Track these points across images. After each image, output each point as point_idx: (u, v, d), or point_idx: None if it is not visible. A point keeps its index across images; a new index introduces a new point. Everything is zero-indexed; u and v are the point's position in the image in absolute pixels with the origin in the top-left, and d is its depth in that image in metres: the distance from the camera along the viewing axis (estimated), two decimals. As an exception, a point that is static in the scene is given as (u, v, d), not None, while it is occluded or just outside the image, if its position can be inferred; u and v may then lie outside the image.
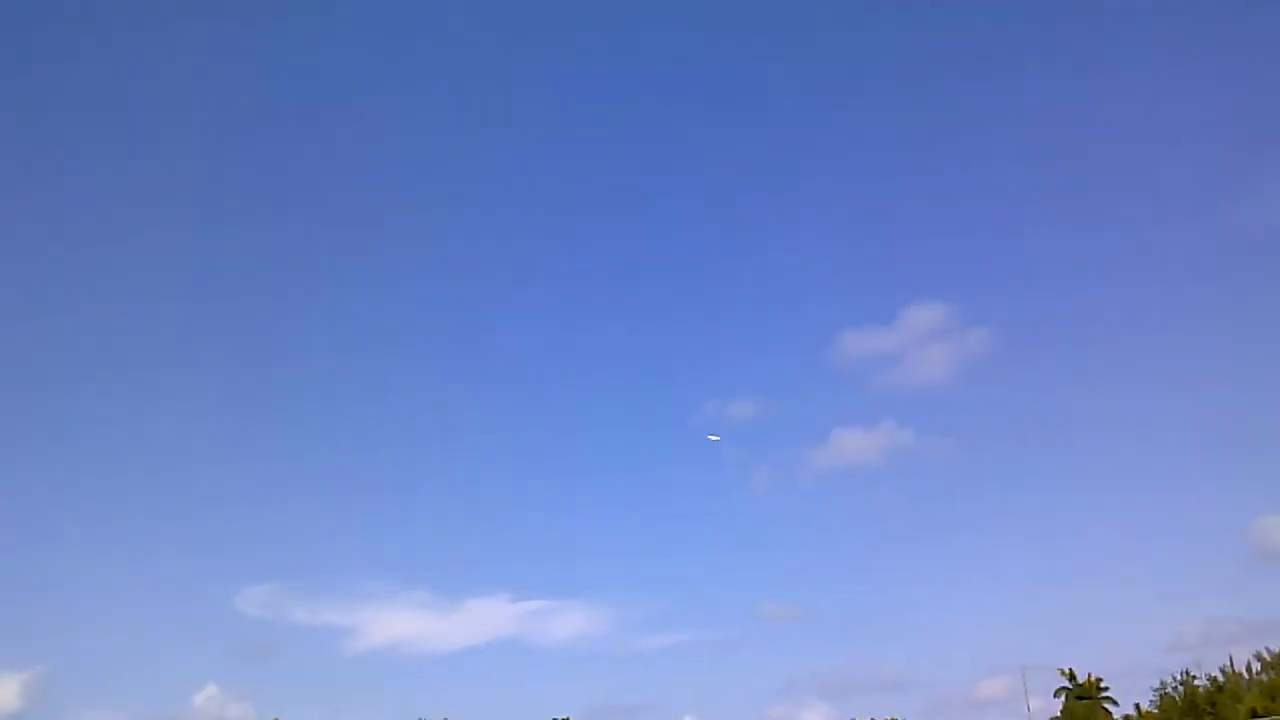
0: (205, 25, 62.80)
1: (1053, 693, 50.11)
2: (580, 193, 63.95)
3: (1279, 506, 44.11)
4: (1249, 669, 38.51)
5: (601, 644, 48.00)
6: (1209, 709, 37.99)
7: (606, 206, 63.33)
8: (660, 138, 64.97)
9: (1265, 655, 38.18)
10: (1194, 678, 40.12)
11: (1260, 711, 35.31)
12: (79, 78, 62.19)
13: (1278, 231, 53.07)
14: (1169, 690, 40.68)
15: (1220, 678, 39.09)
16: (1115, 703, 49.00)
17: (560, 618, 48.39)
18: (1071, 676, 49.66)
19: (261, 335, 57.94)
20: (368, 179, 63.65)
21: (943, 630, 46.34)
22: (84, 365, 54.61)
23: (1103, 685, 49.42)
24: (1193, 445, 49.25)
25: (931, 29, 61.31)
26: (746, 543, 50.93)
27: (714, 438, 49.20)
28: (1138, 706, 44.61)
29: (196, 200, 62.37)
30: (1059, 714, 49.44)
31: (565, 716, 48.06)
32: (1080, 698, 48.94)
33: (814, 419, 52.66)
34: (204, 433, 53.15)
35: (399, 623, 47.21)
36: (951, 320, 51.94)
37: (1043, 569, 47.41)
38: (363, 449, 54.30)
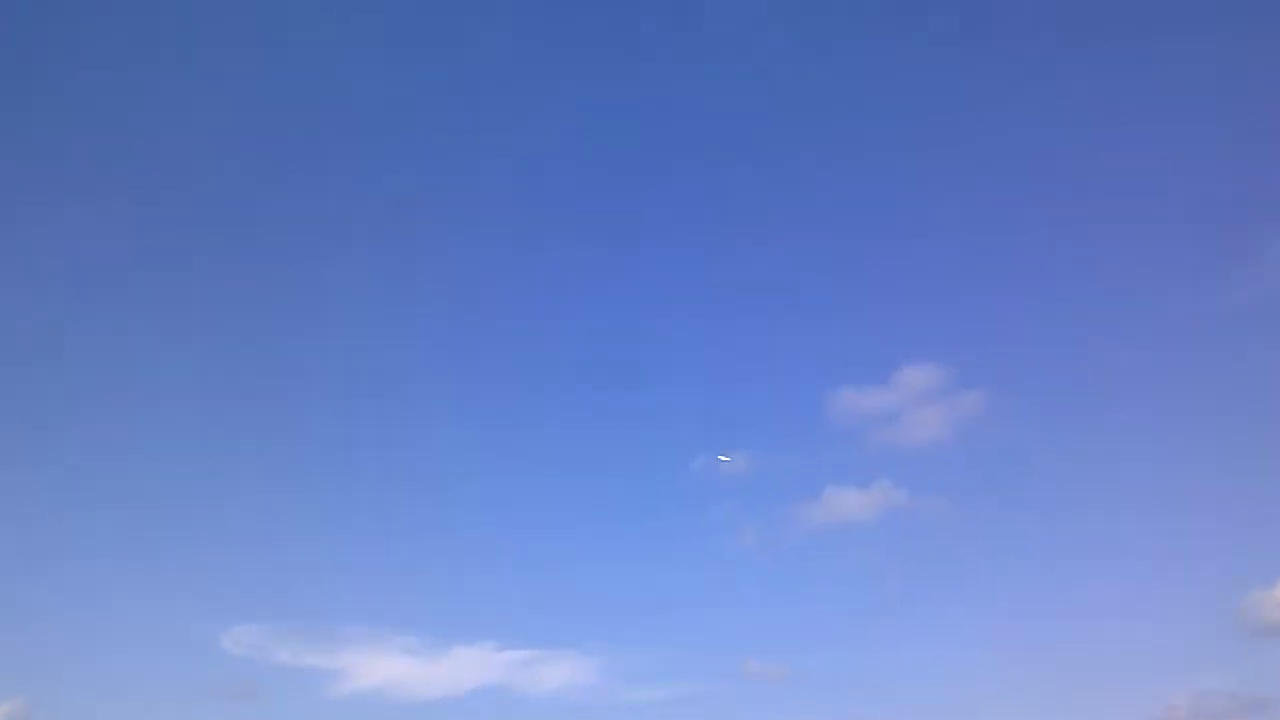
0: (211, 41, 63.33)
1: (1044, 762, 49.21)
2: (571, 234, 64.12)
3: (1272, 581, 43.81)
4: (1243, 744, 38.20)
5: (589, 695, 47.10)
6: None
7: (599, 248, 63.43)
8: (656, 186, 65.25)
9: (1259, 730, 37.92)
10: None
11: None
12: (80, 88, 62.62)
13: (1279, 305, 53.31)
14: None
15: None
16: (1107, 774, 48.13)
17: (547, 667, 47.50)
18: (1063, 746, 48.85)
19: (254, 371, 57.63)
20: (360, 224, 63.64)
21: (932, 694, 45.53)
22: (70, 395, 54.34)
23: (1095, 756, 48.59)
24: (1187, 514, 48.78)
25: (929, 83, 62.27)
26: (736, 598, 50.04)
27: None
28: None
29: (174, 229, 62.25)
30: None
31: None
32: (1072, 768, 48.04)
33: (807, 476, 51.92)
34: (196, 465, 52.64)
35: (384, 668, 46.23)
36: (947, 382, 51.86)
37: (1033, 635, 46.47)
38: (355, 489, 53.63)
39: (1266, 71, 53.23)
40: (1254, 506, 48.29)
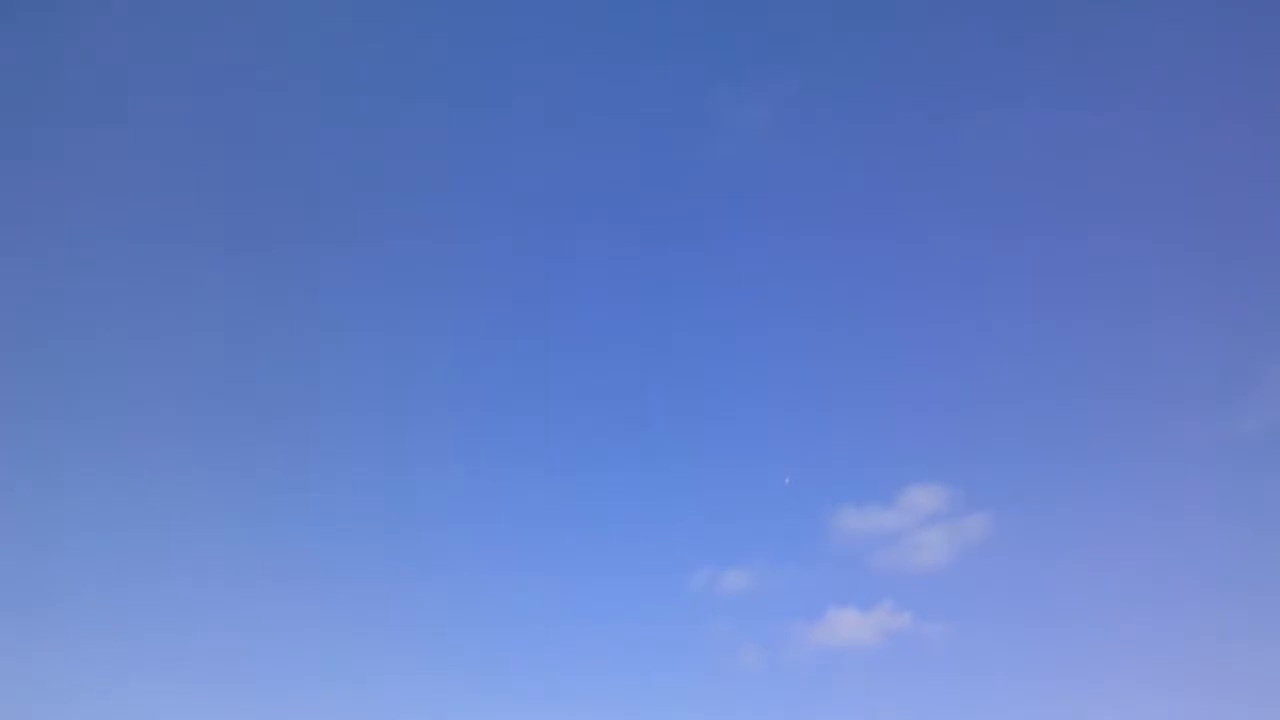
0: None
1: None
2: (571, 344, 63.64)
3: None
4: None
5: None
6: None
7: (601, 354, 63.11)
8: (660, 294, 65.63)
9: None
10: None
11: None
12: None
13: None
14: None
15: None
16: None
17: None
18: None
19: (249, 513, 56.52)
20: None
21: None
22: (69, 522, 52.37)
23: None
24: (1200, 644, 48.44)
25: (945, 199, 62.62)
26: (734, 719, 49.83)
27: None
28: None
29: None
30: None
31: None
32: None
33: (809, 596, 51.95)
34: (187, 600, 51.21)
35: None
36: (952, 503, 52.27)
37: None
38: (341, 582, 53.17)
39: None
40: (1268, 635, 47.87)
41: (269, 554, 54.17)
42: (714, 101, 63.30)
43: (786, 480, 50.77)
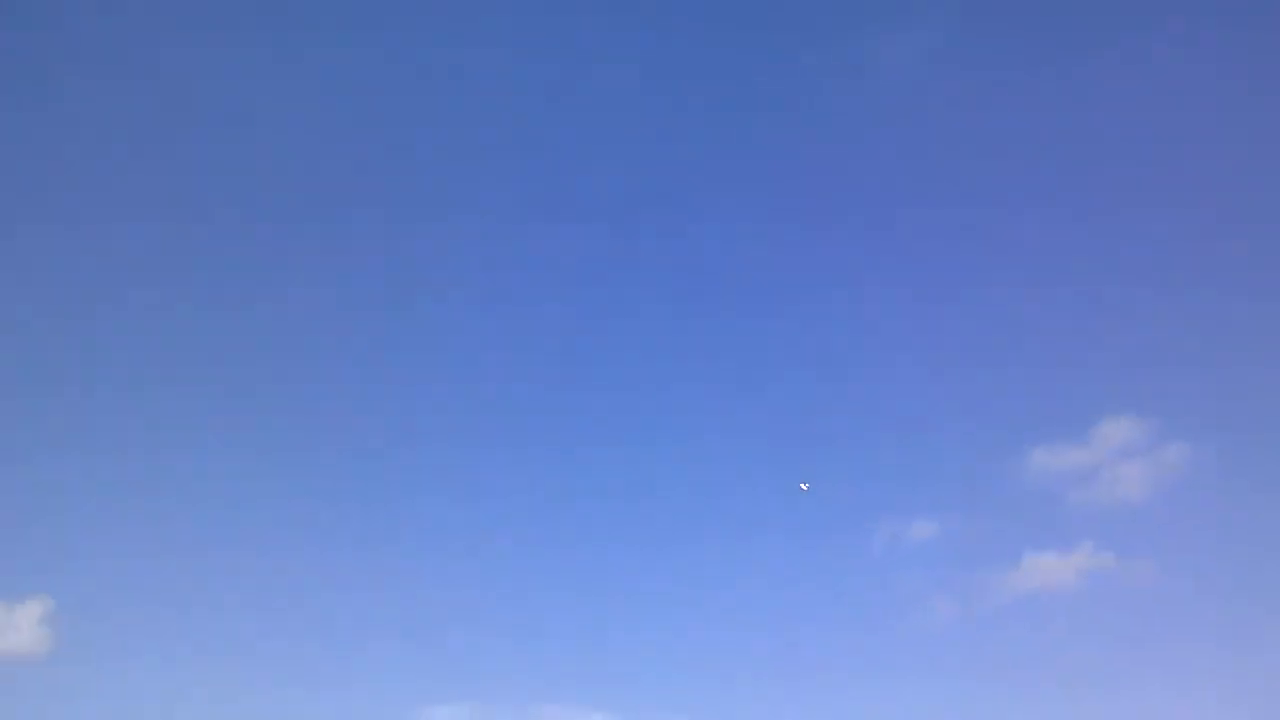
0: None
1: None
2: (752, 297, 61.88)
3: None
4: None
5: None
6: None
7: (773, 309, 60.92)
8: (842, 239, 62.15)
9: None
10: None
11: None
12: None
13: None
14: None
15: None
16: None
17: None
18: None
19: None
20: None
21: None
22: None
23: None
24: None
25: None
26: (930, 674, 44.74)
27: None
28: None
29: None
30: None
31: None
32: None
33: (1003, 541, 47.34)
34: (393, 545, 52.50)
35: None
36: (1148, 435, 45.88)
37: (1257, 712, 39.31)
38: (550, 568, 52.09)
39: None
40: None
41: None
42: (860, 47, 59.65)
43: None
